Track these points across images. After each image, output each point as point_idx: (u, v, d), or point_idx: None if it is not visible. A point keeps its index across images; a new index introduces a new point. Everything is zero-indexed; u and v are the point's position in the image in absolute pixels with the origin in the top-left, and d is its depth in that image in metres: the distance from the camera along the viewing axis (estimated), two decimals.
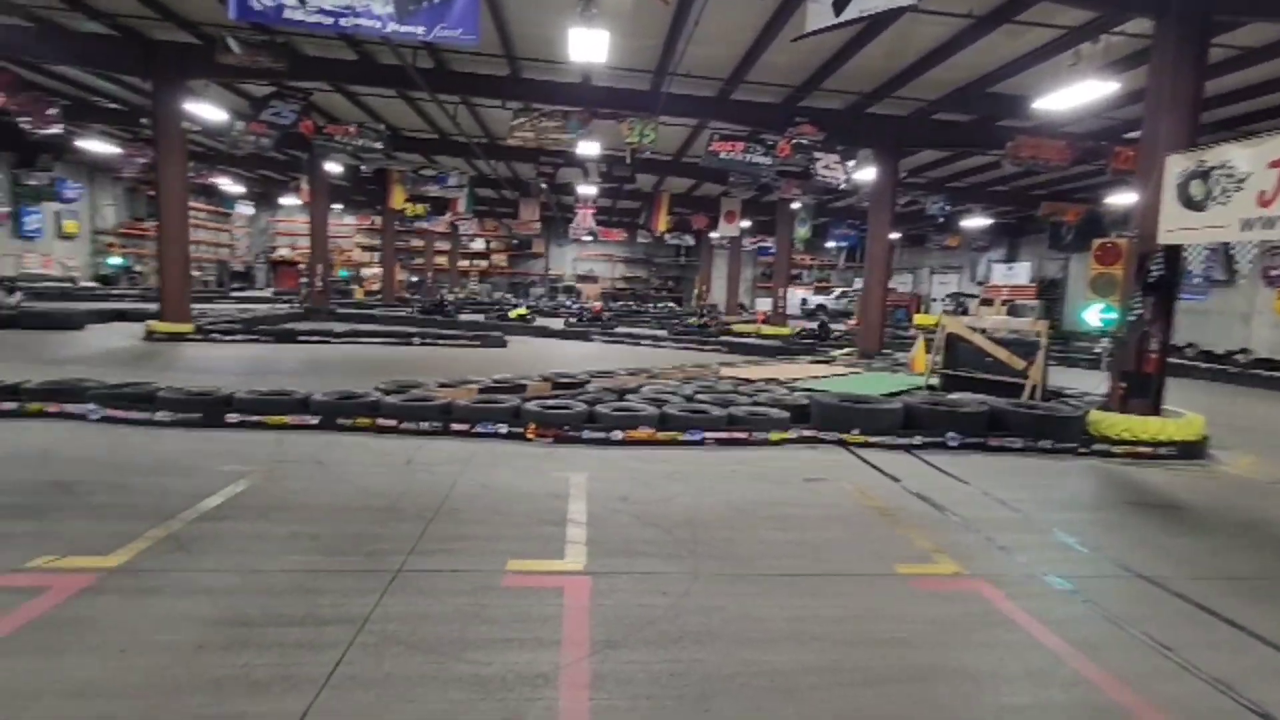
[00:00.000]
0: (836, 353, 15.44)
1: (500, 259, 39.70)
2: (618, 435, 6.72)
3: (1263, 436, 9.21)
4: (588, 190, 22.83)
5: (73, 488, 4.76)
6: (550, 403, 7.17)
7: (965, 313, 22.90)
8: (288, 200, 29.52)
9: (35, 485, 4.78)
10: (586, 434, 6.72)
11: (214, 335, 14.01)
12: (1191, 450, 7.30)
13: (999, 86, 11.89)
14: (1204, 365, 15.91)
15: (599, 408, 6.97)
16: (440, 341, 15.64)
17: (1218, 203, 6.38)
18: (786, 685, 2.81)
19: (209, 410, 6.68)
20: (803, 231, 23.60)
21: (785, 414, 7.32)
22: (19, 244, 24.15)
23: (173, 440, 6.20)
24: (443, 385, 8.07)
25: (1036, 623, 3.45)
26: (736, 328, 22.85)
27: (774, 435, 7.06)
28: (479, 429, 6.74)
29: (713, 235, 29.18)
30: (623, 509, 4.87)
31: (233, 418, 6.66)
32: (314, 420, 6.72)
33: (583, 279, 39.46)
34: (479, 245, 38.95)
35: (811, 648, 3.13)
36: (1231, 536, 5.05)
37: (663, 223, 24.49)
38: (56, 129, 15.14)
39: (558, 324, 21.09)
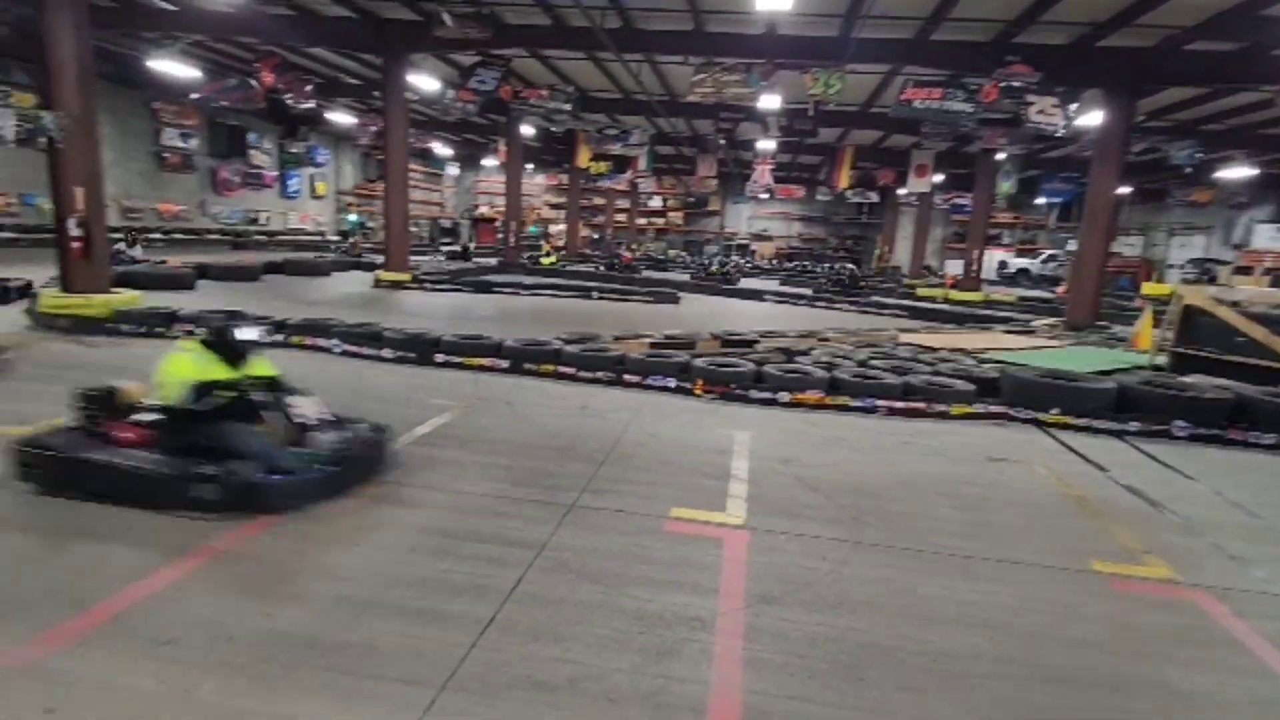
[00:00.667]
0: (1037, 322, 13.83)
1: (676, 217, 40.04)
2: (785, 397, 6.65)
3: None
4: (767, 146, 22.17)
5: None
6: (718, 360, 7.25)
7: (1212, 281, 19.34)
8: (488, 161, 32.13)
9: None
10: (753, 393, 6.73)
11: (426, 284, 15.79)
12: None
13: (1276, 8, 9.66)
14: None
15: (767, 368, 6.93)
16: (616, 297, 16.31)
17: None
18: (950, 668, 2.71)
19: (421, 350, 7.62)
20: (1006, 186, 21.14)
21: (971, 386, 6.77)
22: (284, 203, 29.29)
23: (393, 374, 7.18)
24: (617, 338, 8.47)
25: (1271, 648, 2.97)
26: (921, 292, 21.24)
27: (956, 409, 6.57)
28: (649, 381, 7.01)
29: (899, 191, 27.13)
30: (785, 470, 4.86)
31: (440, 357, 7.54)
32: (504, 364, 7.40)
33: (757, 238, 38.72)
34: (656, 203, 39.55)
35: (982, 634, 2.96)
36: None
37: (844, 178, 23.19)
38: (312, 104, 17.70)
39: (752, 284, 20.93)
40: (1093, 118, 13.05)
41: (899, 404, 6.57)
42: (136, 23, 13.96)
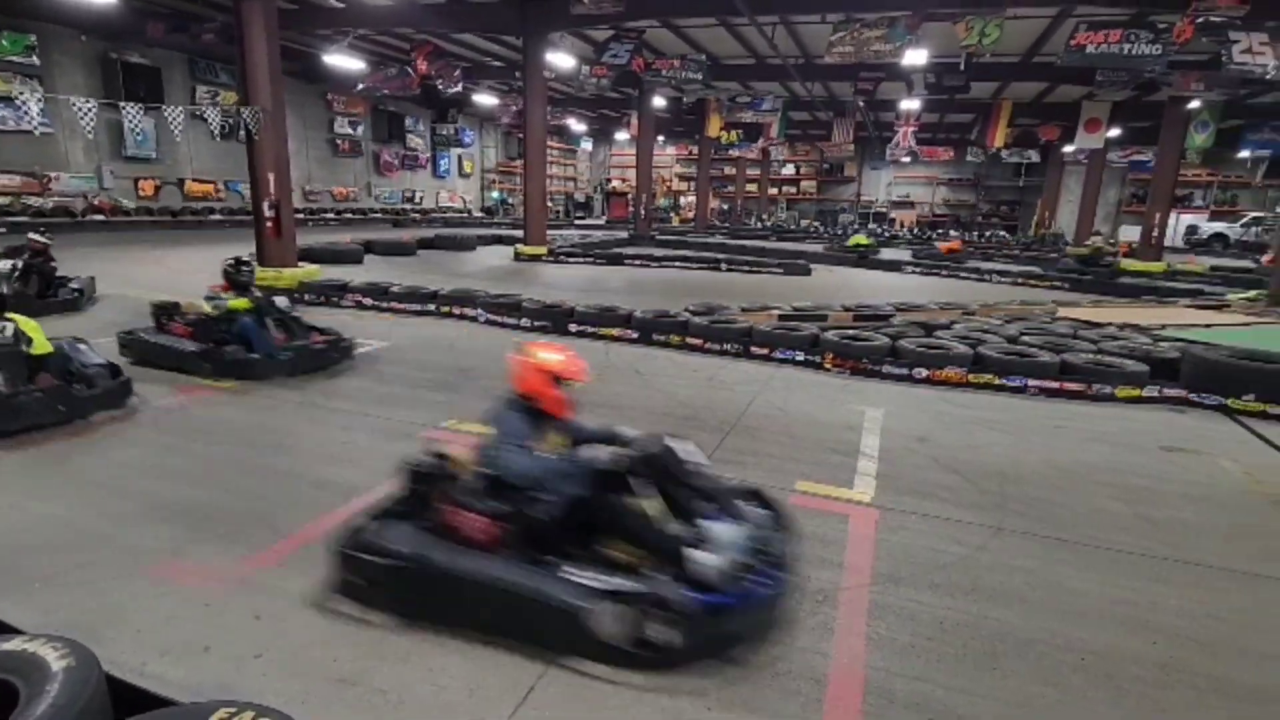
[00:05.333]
0: (1233, 296, 12.03)
1: (809, 185, 38.55)
2: (921, 373, 6.32)
3: None
4: (910, 105, 20.73)
5: (470, 372, 6.22)
6: (850, 333, 7.00)
7: None
8: (620, 135, 32.58)
9: (448, 368, 6.35)
10: (887, 369, 6.45)
11: (562, 257, 16.45)
12: None
13: None
14: None
15: (902, 342, 6.61)
16: (747, 269, 16.10)
17: None
18: (1100, 668, 2.52)
19: (556, 320, 8.00)
20: (1201, 139, 18.38)
21: (1143, 367, 6.08)
22: (436, 182, 31.74)
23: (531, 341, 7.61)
24: (745, 310, 8.40)
25: None
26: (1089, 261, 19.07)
27: (1123, 391, 5.94)
28: (777, 354, 6.93)
29: (1066, 149, 24.41)
30: (920, 449, 4.65)
31: (574, 327, 7.88)
32: (634, 334, 7.60)
33: (897, 205, 36.41)
34: (789, 171, 38.28)
35: (1141, 636, 2.72)
36: None
37: (1000, 136, 21.20)
38: (460, 87, 18.83)
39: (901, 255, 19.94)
40: None
41: (1054, 383, 6.05)
42: (313, 21, 15.45)
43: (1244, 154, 23.60)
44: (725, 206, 37.51)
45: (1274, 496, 4.14)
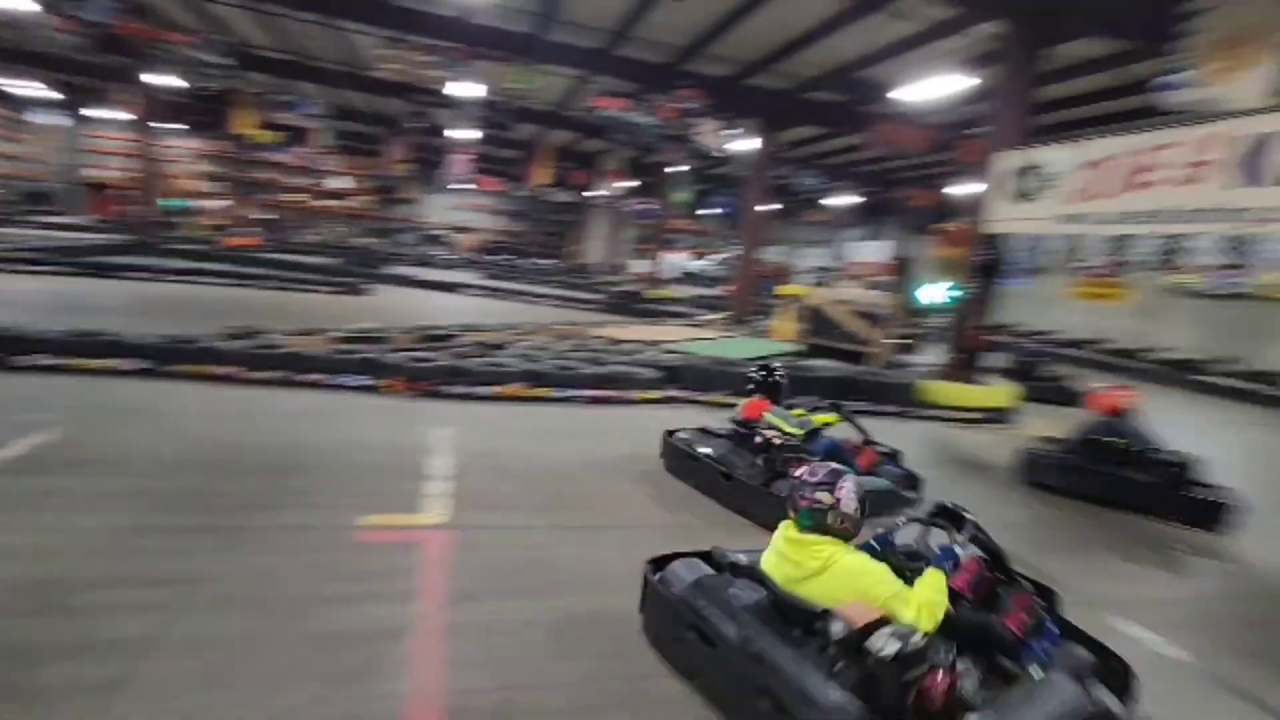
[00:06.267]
0: (709, 317, 15.97)
1: (364, 201, 36.63)
2: (486, 391, 6.59)
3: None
4: (464, 135, 21.73)
5: None
6: (415, 355, 6.87)
7: (828, 285, 24.39)
8: (109, 114, 25.49)
9: None
10: (454, 389, 6.53)
11: (14, 265, 12.06)
12: (1002, 415, 8.33)
13: (869, 72, 12.55)
14: (1027, 343, 18.13)
15: (467, 362, 6.79)
16: (294, 286, 14.45)
17: (1037, 197, 7.18)
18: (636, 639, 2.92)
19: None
20: (682, 196, 23.94)
21: (658, 374, 7.50)
22: None
23: None
24: (295, 333, 7.49)
25: None
26: (616, 290, 22.92)
27: (645, 395, 7.22)
28: (334, 381, 6.34)
29: (592, 193, 28.89)
30: (487, 464, 4.81)
31: (31, 361, 5.80)
32: (141, 366, 6.01)
33: (458, 229, 37.71)
34: (342, 184, 35.68)
35: None
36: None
37: (540, 175, 23.89)
38: None
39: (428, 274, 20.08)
40: (746, 143, 15.45)
41: (595, 392, 6.99)
42: None
43: (710, 210, 31.95)
44: (266, 216, 33.11)
45: None
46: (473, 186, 29.43)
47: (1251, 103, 6.94)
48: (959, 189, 18.83)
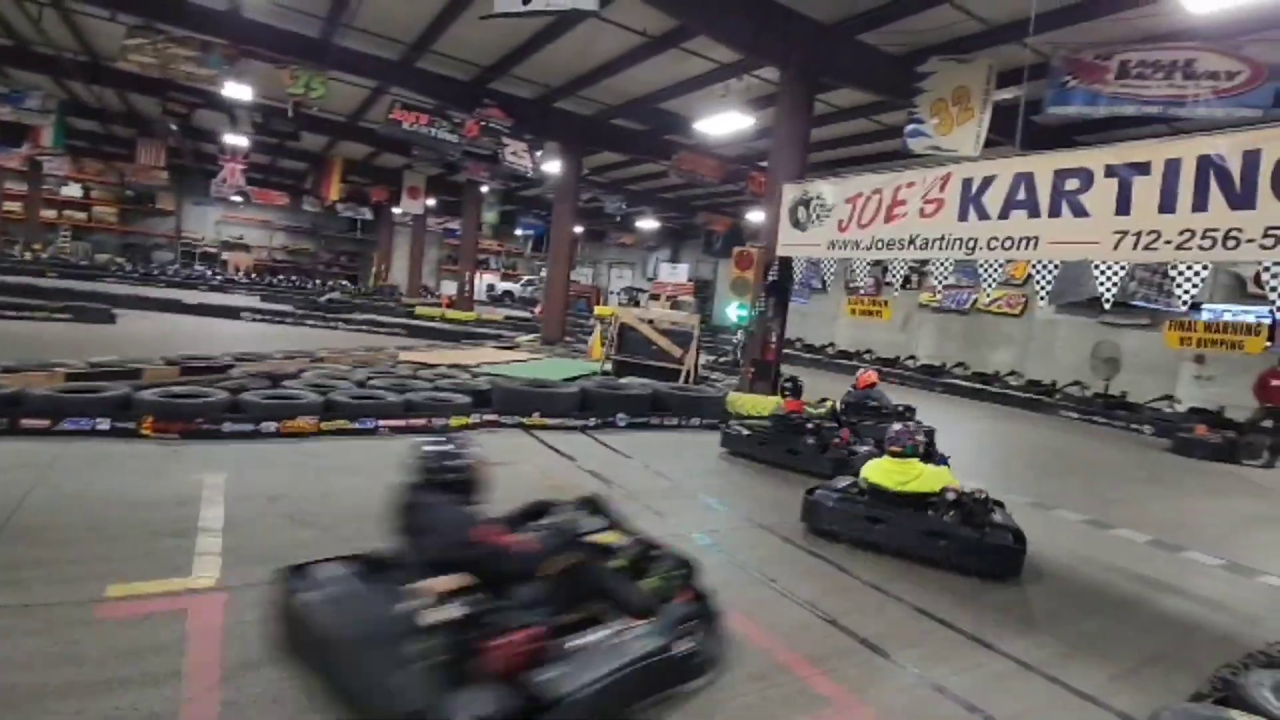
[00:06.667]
0: (522, 339, 15.76)
1: (108, 212, 31.05)
2: (270, 427, 5.85)
3: None
4: (236, 142, 19.48)
5: None
6: (178, 390, 5.92)
7: (637, 305, 25.31)
8: None
9: None
10: (228, 427, 5.71)
11: None
12: None
13: (669, 104, 13.31)
14: (806, 355, 20.27)
15: (245, 395, 5.99)
16: (15, 314, 11.86)
17: (814, 225, 8.04)
18: None
19: None
20: (490, 217, 23.53)
21: (468, 399, 7.19)
22: None
23: None
24: (9, 370, 6.09)
25: None
26: (419, 311, 21.81)
27: (455, 420, 6.88)
28: (68, 425, 5.25)
29: (395, 211, 27.35)
30: (273, 510, 4.24)
31: None
32: None
33: (230, 246, 33.48)
34: (74, 192, 29.95)
35: None
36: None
37: (334, 191, 22.16)
38: None
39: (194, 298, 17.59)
40: (554, 166, 15.56)
41: (401, 422, 6.52)
42: None
43: (519, 231, 31.65)
44: None
45: (556, 485, 5.43)
46: (245, 200, 26.42)
47: (967, 151, 8.41)
48: (752, 216, 20.65)
